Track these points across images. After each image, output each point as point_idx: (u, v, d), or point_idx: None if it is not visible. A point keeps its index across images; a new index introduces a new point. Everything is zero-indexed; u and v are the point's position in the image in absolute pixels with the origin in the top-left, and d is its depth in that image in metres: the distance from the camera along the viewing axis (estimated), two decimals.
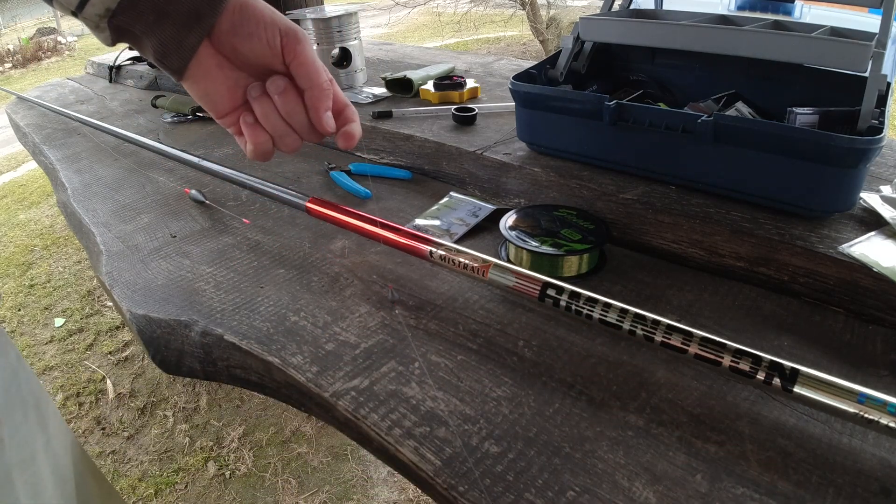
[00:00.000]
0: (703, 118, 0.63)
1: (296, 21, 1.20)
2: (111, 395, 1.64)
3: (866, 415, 0.39)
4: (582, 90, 0.85)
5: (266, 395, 0.58)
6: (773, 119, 0.76)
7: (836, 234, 0.60)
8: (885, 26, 0.61)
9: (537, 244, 0.63)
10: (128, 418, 1.56)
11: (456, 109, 0.96)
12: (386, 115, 0.99)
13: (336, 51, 1.17)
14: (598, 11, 0.86)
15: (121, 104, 1.38)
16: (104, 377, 1.71)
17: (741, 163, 0.64)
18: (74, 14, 0.39)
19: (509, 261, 0.67)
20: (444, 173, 0.88)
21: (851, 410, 0.39)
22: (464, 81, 1.07)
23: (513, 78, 0.78)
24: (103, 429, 1.53)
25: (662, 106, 0.80)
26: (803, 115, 0.71)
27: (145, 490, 1.34)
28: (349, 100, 0.49)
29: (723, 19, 0.78)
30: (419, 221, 0.76)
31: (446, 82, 1.07)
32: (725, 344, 0.44)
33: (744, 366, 0.43)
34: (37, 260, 2.43)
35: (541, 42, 4.99)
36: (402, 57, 1.48)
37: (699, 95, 0.84)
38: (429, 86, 1.09)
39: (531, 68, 0.84)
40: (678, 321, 0.46)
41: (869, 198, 0.64)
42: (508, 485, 0.41)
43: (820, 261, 0.57)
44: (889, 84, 0.62)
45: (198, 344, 0.59)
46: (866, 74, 0.61)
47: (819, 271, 0.58)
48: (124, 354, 1.80)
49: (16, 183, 3.38)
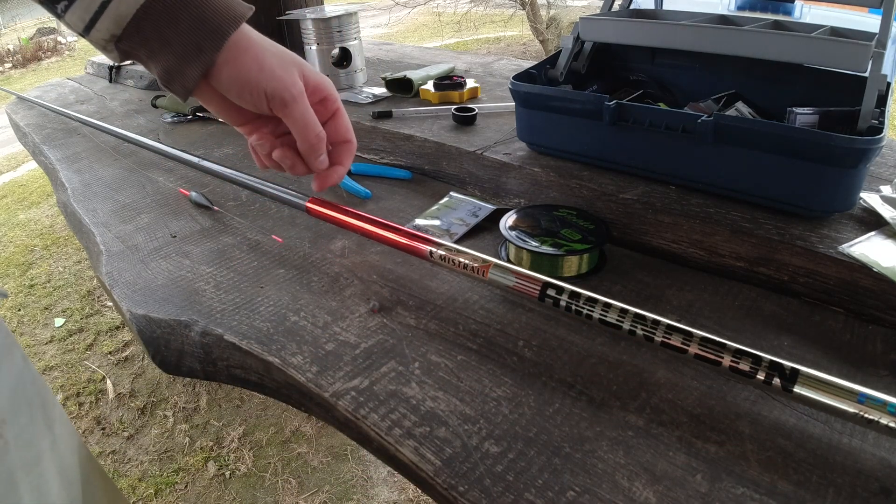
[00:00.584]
0: (703, 118, 0.63)
1: (296, 21, 1.20)
2: (111, 395, 1.64)
3: (866, 415, 0.39)
4: (582, 90, 0.85)
5: (266, 395, 0.58)
6: (773, 119, 0.76)
7: (836, 234, 0.60)
8: (885, 26, 0.61)
9: (537, 244, 0.63)
10: (128, 418, 1.56)
11: (456, 109, 0.96)
12: (386, 115, 0.99)
13: (336, 51, 1.17)
14: (598, 11, 0.86)
15: (121, 104, 1.38)
16: (104, 377, 1.71)
17: (741, 163, 0.64)
18: (82, 35, 0.40)
19: (509, 261, 0.67)
20: (444, 173, 0.88)
21: (851, 410, 0.39)
22: (464, 81, 1.07)
23: (513, 78, 0.78)
24: (103, 429, 1.53)
25: (662, 106, 0.80)
26: (803, 115, 0.71)
27: (145, 490, 1.34)
28: (353, 135, 0.51)
29: (723, 19, 0.78)
30: (419, 221, 0.76)
31: (446, 82, 1.07)
32: (725, 344, 0.44)
33: (744, 366, 0.43)
34: (37, 260, 2.43)
35: (541, 42, 4.99)
36: (402, 57, 1.48)
37: (699, 95, 0.84)
38: (429, 86, 1.09)
39: (531, 68, 0.84)
40: (678, 321, 0.46)
41: (869, 198, 0.64)
42: (508, 485, 0.41)
43: (820, 261, 0.57)
44: (889, 84, 0.62)
45: (198, 344, 0.59)
46: (866, 74, 0.61)
47: (819, 271, 0.58)
48: (124, 354, 1.80)
49: (16, 183, 3.38)
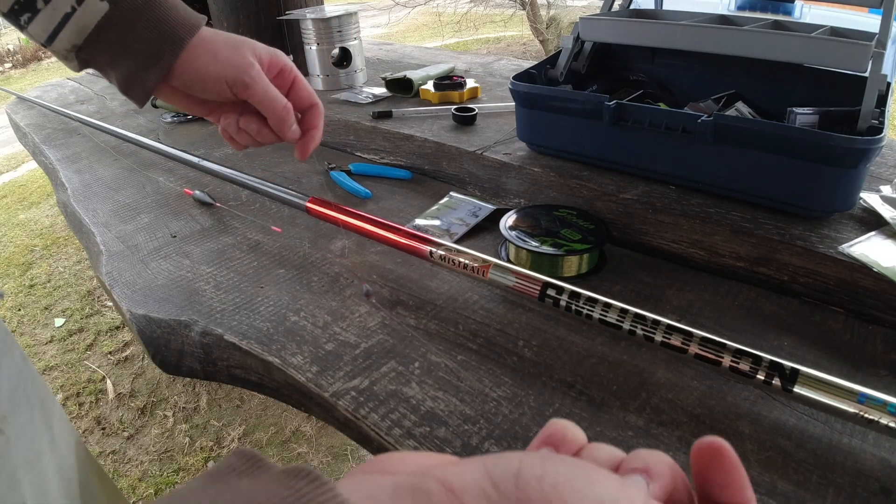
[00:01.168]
0: (703, 118, 0.63)
1: (296, 21, 1.20)
2: (111, 395, 1.64)
3: (866, 415, 0.39)
4: (582, 90, 0.85)
5: (266, 395, 0.58)
6: (773, 119, 0.76)
7: (836, 234, 0.60)
8: (885, 26, 0.61)
9: (537, 244, 0.63)
10: (128, 418, 1.56)
11: (456, 109, 0.96)
12: (386, 115, 0.99)
13: (336, 51, 1.17)
14: (598, 11, 0.86)
15: (121, 104, 1.38)
16: (104, 377, 1.71)
17: (741, 163, 0.64)
18: (44, 46, 0.42)
19: (509, 261, 0.66)
20: (444, 173, 0.88)
21: (851, 410, 0.39)
22: (464, 81, 1.07)
23: (513, 78, 0.78)
24: (103, 429, 1.53)
25: (662, 106, 0.80)
26: (803, 115, 0.71)
27: (145, 490, 1.34)
28: (316, 98, 0.53)
29: (723, 19, 0.78)
30: (419, 221, 0.76)
31: (446, 82, 1.07)
32: (725, 344, 0.44)
33: (744, 366, 0.43)
34: (37, 260, 2.43)
35: (541, 42, 4.99)
36: (402, 57, 1.48)
37: (699, 95, 0.84)
38: (429, 86, 1.09)
39: (531, 68, 0.84)
40: (678, 321, 0.46)
41: (869, 198, 0.64)
42: None
43: (820, 261, 0.57)
44: (889, 84, 0.62)
45: (198, 344, 0.59)
46: (866, 74, 0.61)
47: (819, 271, 0.58)
48: (124, 354, 1.80)
49: (16, 183, 3.38)
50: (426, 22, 7.43)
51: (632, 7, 0.89)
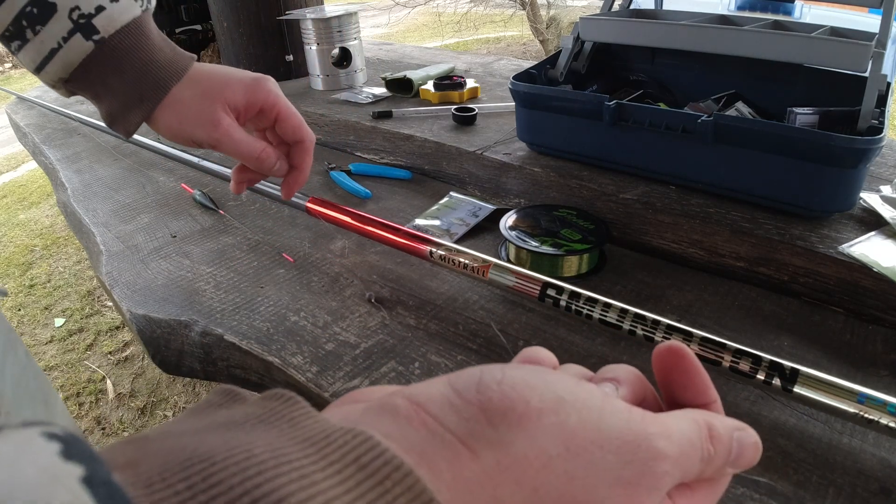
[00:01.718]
0: (703, 118, 0.63)
1: (296, 21, 1.20)
2: (111, 395, 1.64)
3: (866, 415, 0.39)
4: (582, 90, 0.85)
5: None
6: (773, 119, 0.76)
7: (836, 234, 0.60)
8: (885, 26, 0.61)
9: (537, 244, 0.63)
10: (128, 418, 1.56)
11: (456, 109, 0.96)
12: (386, 115, 0.99)
13: (336, 51, 1.17)
14: (598, 11, 0.86)
15: None
16: (104, 377, 1.71)
17: (741, 163, 0.64)
18: (34, 73, 0.43)
19: (509, 261, 0.66)
20: (444, 173, 0.88)
21: (851, 410, 0.39)
22: (464, 81, 1.07)
23: (513, 78, 0.78)
24: (103, 429, 1.53)
25: (662, 106, 0.80)
26: (803, 115, 0.71)
27: None
28: (304, 132, 0.50)
29: (723, 19, 0.78)
30: (419, 221, 0.76)
31: (446, 82, 1.07)
32: (725, 344, 0.44)
33: (744, 366, 0.43)
34: (37, 260, 2.43)
35: (541, 42, 4.99)
36: (402, 57, 1.48)
37: (699, 95, 0.84)
38: (429, 86, 1.09)
39: (531, 68, 0.84)
40: (678, 321, 0.46)
41: (869, 198, 0.64)
42: None
43: (820, 261, 0.57)
44: (889, 84, 0.62)
45: (198, 344, 0.59)
46: (866, 74, 0.61)
47: (819, 271, 0.58)
48: (124, 354, 1.80)
49: (16, 183, 3.38)
50: (426, 22, 7.43)
51: (632, 7, 0.89)
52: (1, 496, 0.09)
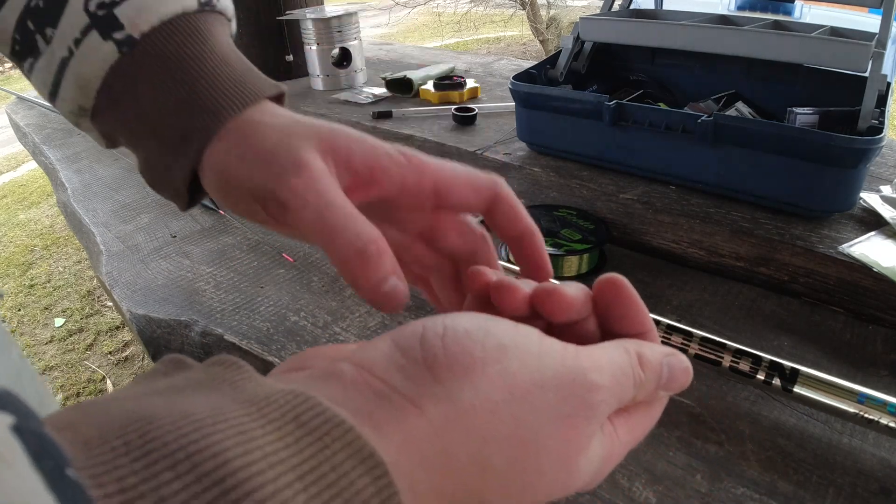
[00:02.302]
0: (703, 118, 0.63)
1: (296, 21, 1.20)
2: None
3: (866, 415, 0.39)
4: (582, 90, 0.85)
5: None
6: (773, 119, 0.76)
7: (836, 234, 0.60)
8: (885, 26, 0.61)
9: None
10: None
11: (456, 109, 0.96)
12: (386, 115, 0.99)
13: (336, 51, 1.17)
14: (598, 11, 0.86)
15: None
16: (104, 377, 1.71)
17: (741, 163, 0.64)
18: (51, 102, 0.29)
19: (509, 261, 0.66)
20: None
21: (851, 410, 0.39)
22: (464, 81, 1.07)
23: (513, 78, 0.78)
24: None
25: (662, 106, 0.80)
26: (803, 115, 0.71)
27: None
28: (526, 220, 0.27)
29: (723, 19, 0.78)
30: None
31: (446, 82, 1.07)
32: (725, 344, 0.44)
33: (744, 366, 0.43)
34: (37, 260, 2.43)
35: (541, 42, 4.99)
36: (402, 57, 1.48)
37: (699, 95, 0.84)
38: (429, 86, 1.09)
39: (531, 68, 0.84)
40: (678, 321, 0.46)
41: (869, 198, 0.64)
42: None
43: (820, 261, 0.57)
44: (889, 84, 0.62)
45: (198, 344, 0.59)
46: (866, 74, 0.61)
47: (819, 271, 0.58)
48: (124, 354, 1.80)
49: (16, 183, 3.38)
50: (426, 22, 7.43)
51: (632, 7, 0.89)
52: None
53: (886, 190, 0.67)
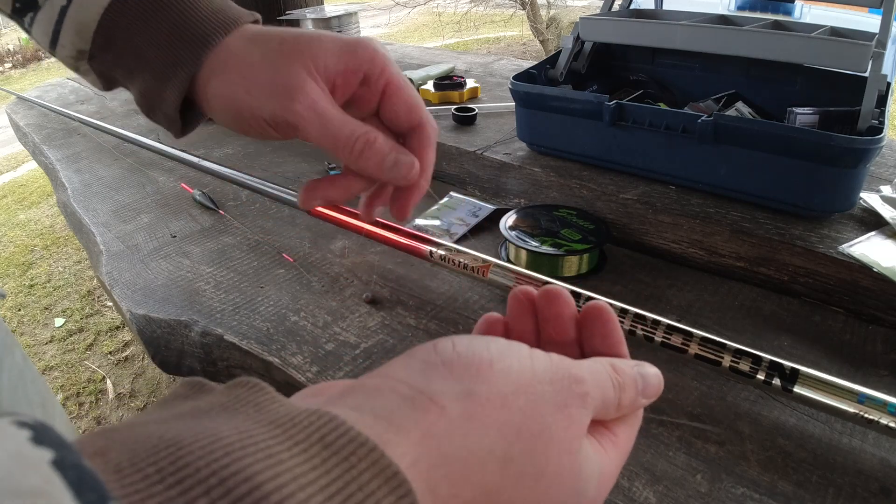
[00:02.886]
0: (703, 118, 0.63)
1: (296, 21, 1.20)
2: (111, 395, 1.64)
3: (866, 415, 0.39)
4: (582, 90, 0.85)
5: None
6: (773, 119, 0.76)
7: (836, 234, 0.60)
8: (885, 26, 0.61)
9: (537, 244, 0.63)
10: (128, 418, 1.56)
11: (456, 109, 0.96)
12: None
13: None
14: (598, 11, 0.86)
15: (121, 104, 1.38)
16: (104, 377, 1.71)
17: (741, 163, 0.64)
18: (51, 53, 0.33)
19: (509, 261, 0.66)
20: (445, 173, 0.88)
21: (851, 410, 0.39)
22: (464, 81, 1.07)
23: (513, 78, 0.78)
24: None
25: (662, 106, 0.80)
26: (803, 115, 0.71)
27: None
28: (423, 114, 0.34)
29: (723, 19, 0.78)
30: (419, 221, 0.76)
31: (446, 82, 1.07)
32: (725, 344, 0.44)
33: (744, 366, 0.43)
34: (37, 260, 2.43)
35: (541, 42, 4.99)
36: (402, 57, 1.48)
37: (699, 95, 0.84)
38: (429, 86, 1.09)
39: (531, 68, 0.84)
40: (678, 321, 0.46)
41: (869, 198, 0.64)
42: None
43: (820, 261, 0.57)
44: (889, 84, 0.62)
45: (198, 344, 0.59)
46: (866, 74, 0.61)
47: (819, 271, 0.58)
48: (124, 354, 1.80)
49: (16, 183, 3.38)
50: (426, 22, 7.43)
51: (632, 7, 0.89)
52: None
53: (886, 190, 0.67)
